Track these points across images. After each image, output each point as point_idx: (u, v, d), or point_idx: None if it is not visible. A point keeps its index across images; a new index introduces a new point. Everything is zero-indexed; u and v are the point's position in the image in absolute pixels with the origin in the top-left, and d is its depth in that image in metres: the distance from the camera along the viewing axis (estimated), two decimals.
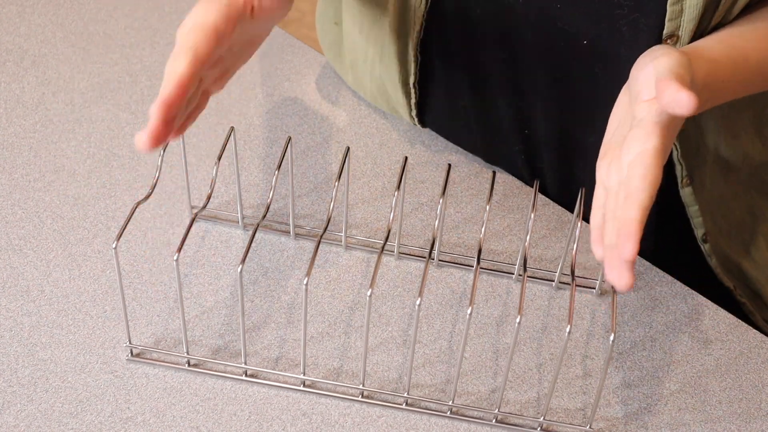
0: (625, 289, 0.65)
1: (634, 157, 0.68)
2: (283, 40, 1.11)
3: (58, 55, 1.07)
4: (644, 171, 0.67)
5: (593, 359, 0.83)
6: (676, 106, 0.65)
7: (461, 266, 0.89)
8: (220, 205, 0.93)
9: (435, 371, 0.82)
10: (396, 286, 0.88)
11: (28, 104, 1.02)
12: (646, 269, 0.90)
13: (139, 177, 0.95)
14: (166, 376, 0.80)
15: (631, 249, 0.65)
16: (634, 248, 0.65)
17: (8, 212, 0.91)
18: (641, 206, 0.66)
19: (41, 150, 0.97)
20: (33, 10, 1.13)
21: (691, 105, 0.64)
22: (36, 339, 0.81)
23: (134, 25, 1.12)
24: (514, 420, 0.79)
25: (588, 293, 0.88)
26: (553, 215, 0.95)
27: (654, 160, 0.67)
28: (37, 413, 0.77)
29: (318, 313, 0.85)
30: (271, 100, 1.04)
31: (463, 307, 0.86)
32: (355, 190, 0.95)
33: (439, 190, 0.95)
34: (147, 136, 0.67)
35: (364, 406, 0.79)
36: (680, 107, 0.64)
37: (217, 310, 0.85)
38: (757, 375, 0.83)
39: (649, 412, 0.80)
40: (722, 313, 0.88)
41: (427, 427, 0.78)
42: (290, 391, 0.80)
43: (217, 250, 0.89)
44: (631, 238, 0.65)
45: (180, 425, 0.77)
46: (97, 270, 0.87)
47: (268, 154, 0.98)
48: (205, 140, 0.99)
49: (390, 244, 0.90)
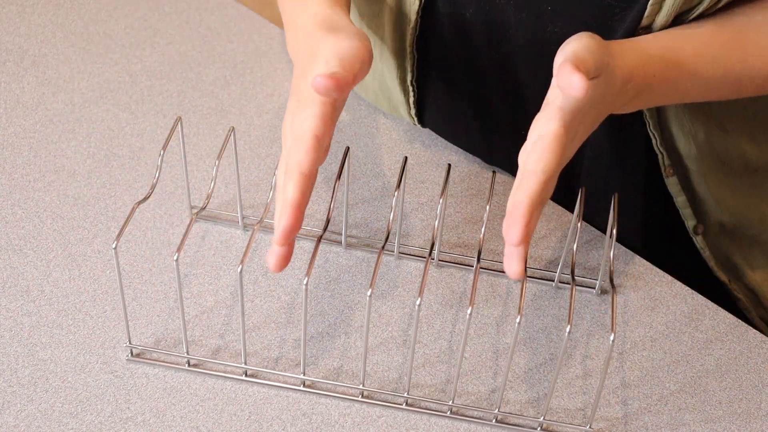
0: (514, 277, 0.64)
1: (535, 140, 0.67)
2: (283, 40, 1.11)
3: (58, 55, 1.07)
4: (539, 155, 0.65)
5: (593, 359, 0.83)
6: (569, 88, 0.63)
7: (461, 266, 0.89)
8: (220, 205, 0.93)
9: (435, 371, 0.82)
10: (396, 286, 0.88)
11: (28, 104, 1.02)
12: (646, 269, 0.90)
13: (139, 177, 0.95)
14: (166, 376, 0.80)
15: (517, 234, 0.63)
16: (521, 233, 0.63)
17: (8, 212, 0.91)
18: (530, 190, 0.64)
19: (41, 150, 0.97)
20: (33, 10, 1.13)
21: (582, 89, 0.63)
22: (36, 339, 0.81)
23: (134, 25, 1.12)
24: (514, 420, 0.79)
25: (588, 293, 0.88)
26: (553, 215, 0.95)
27: (551, 144, 0.66)
28: (37, 413, 0.77)
29: (318, 313, 0.85)
30: (271, 100, 1.04)
31: (463, 307, 0.86)
32: (355, 190, 0.95)
33: (439, 190, 0.95)
34: (276, 261, 0.69)
35: (364, 406, 0.79)
36: (572, 90, 0.63)
37: (217, 310, 0.85)
38: (757, 375, 0.83)
39: (649, 412, 0.80)
40: (722, 313, 0.88)
41: (427, 427, 0.78)
42: (290, 391, 0.80)
43: (217, 250, 0.89)
44: (518, 222, 0.63)
45: (180, 425, 0.77)
46: (97, 270, 0.87)
47: (268, 154, 0.98)
48: (205, 140, 0.99)
49: (390, 244, 0.90)
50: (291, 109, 0.73)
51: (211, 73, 1.07)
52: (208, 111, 1.02)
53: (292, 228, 0.69)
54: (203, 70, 1.07)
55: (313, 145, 0.70)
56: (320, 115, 0.71)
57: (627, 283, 0.89)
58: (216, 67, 1.07)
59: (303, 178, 0.69)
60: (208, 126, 1.01)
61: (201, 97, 1.04)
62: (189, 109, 1.02)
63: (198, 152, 0.98)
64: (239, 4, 1.15)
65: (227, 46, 1.10)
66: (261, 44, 1.10)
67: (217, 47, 1.10)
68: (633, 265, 0.91)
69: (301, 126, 0.71)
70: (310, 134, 0.70)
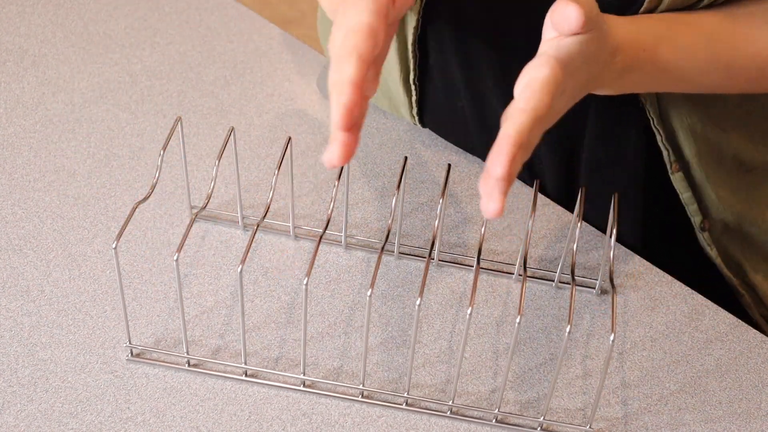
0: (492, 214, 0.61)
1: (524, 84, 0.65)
2: (283, 40, 1.11)
3: (58, 55, 1.07)
4: (530, 95, 0.63)
5: (593, 359, 0.83)
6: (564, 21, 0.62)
7: (461, 266, 0.89)
8: (220, 205, 0.93)
9: (435, 371, 0.82)
10: (396, 286, 0.88)
11: (28, 104, 1.02)
12: (646, 269, 0.90)
13: (139, 177, 0.95)
14: (166, 376, 0.80)
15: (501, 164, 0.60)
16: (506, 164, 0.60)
17: (8, 212, 0.91)
18: (519, 125, 0.62)
19: (41, 150, 0.97)
20: (33, 10, 1.13)
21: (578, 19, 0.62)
22: (36, 339, 0.81)
23: (134, 25, 1.12)
24: (514, 420, 0.79)
25: (588, 293, 0.88)
26: (553, 215, 0.95)
27: (541, 87, 0.64)
28: (37, 413, 0.77)
29: (318, 313, 0.85)
30: (271, 100, 1.04)
31: (463, 307, 0.86)
32: (355, 190, 0.95)
33: (439, 190, 0.95)
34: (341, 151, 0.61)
35: (364, 406, 0.79)
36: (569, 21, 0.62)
37: (217, 310, 0.85)
38: (757, 375, 0.83)
39: (649, 412, 0.80)
40: (722, 313, 0.88)
41: (427, 427, 0.78)
42: (290, 391, 0.80)
43: (217, 250, 0.89)
44: (503, 153, 0.61)
45: (180, 425, 0.77)
46: (97, 270, 0.87)
47: (268, 154, 0.98)
48: (205, 140, 0.99)
49: (390, 244, 0.90)
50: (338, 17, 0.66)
51: (211, 73, 1.07)
52: (208, 111, 1.02)
53: (353, 104, 0.61)
54: (203, 70, 1.07)
55: (370, 33, 0.63)
56: (374, 9, 0.65)
57: (627, 283, 0.89)
58: (216, 67, 1.07)
59: (361, 61, 0.62)
60: (208, 126, 1.01)
61: (201, 97, 1.04)
62: (189, 109, 1.02)
63: (198, 152, 0.98)
64: (239, 4, 1.15)
65: (227, 46, 1.10)
66: (261, 44, 1.10)
67: (217, 47, 1.10)
68: (633, 265, 0.91)
69: (355, 17, 0.65)
70: (367, 23, 0.64)
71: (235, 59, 1.08)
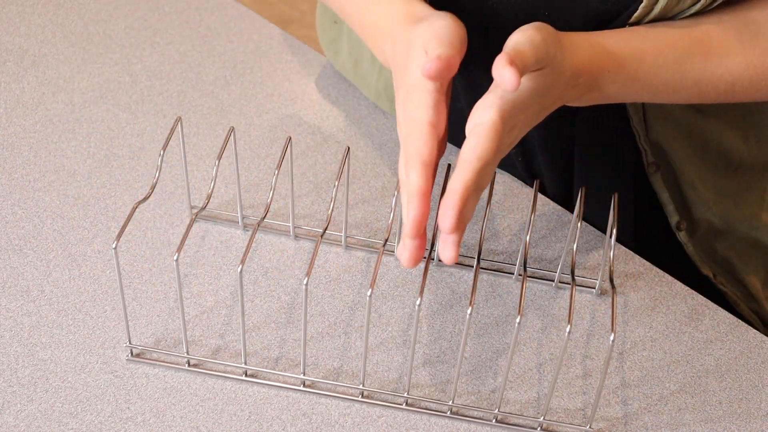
0: (448, 262, 0.65)
1: (471, 129, 0.67)
2: (283, 40, 1.11)
3: (58, 55, 1.07)
4: (475, 143, 0.66)
5: (593, 359, 0.83)
6: (500, 81, 0.64)
7: (461, 266, 0.89)
8: (220, 205, 0.93)
9: (435, 371, 0.82)
10: (396, 286, 0.88)
11: (28, 104, 1.02)
12: (646, 269, 0.90)
13: (139, 177, 0.95)
14: (166, 376, 0.80)
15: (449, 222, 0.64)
16: (453, 221, 0.64)
17: (8, 212, 0.91)
18: (464, 179, 0.65)
19: (41, 150, 0.97)
20: (33, 10, 1.13)
21: (512, 83, 0.63)
22: (36, 339, 0.81)
23: (134, 25, 1.12)
24: (514, 420, 0.79)
25: (588, 293, 0.88)
26: (553, 215, 0.95)
27: (487, 133, 0.66)
28: (37, 413, 0.77)
29: (318, 313, 0.85)
30: (271, 100, 1.04)
31: (463, 307, 0.86)
32: (355, 190, 0.95)
33: (439, 190, 0.95)
34: (411, 255, 0.67)
35: (364, 406, 0.79)
36: (504, 83, 0.64)
37: (217, 310, 0.85)
38: (757, 375, 0.83)
39: (649, 412, 0.80)
40: (722, 313, 0.88)
41: (427, 427, 0.78)
42: (290, 391, 0.80)
43: (217, 250, 0.89)
44: (450, 210, 0.64)
45: (180, 425, 0.77)
46: (97, 270, 0.87)
47: (268, 154, 0.98)
48: (205, 140, 0.99)
49: (390, 244, 0.90)
50: (400, 103, 0.72)
51: (211, 73, 1.07)
52: (208, 111, 1.02)
53: (422, 217, 0.67)
54: (203, 70, 1.07)
55: (430, 132, 0.69)
56: (431, 103, 0.70)
57: (627, 283, 0.89)
58: (216, 67, 1.07)
59: (425, 167, 0.68)
60: (208, 126, 1.01)
61: (201, 97, 1.04)
62: (189, 109, 1.02)
63: (198, 152, 0.98)
64: (239, 4, 1.15)
65: (227, 46, 1.10)
66: (261, 44, 1.10)
67: (217, 47, 1.10)
68: (633, 265, 0.91)
69: (413, 116, 0.70)
70: (425, 122, 0.69)
71: (235, 59, 1.08)
